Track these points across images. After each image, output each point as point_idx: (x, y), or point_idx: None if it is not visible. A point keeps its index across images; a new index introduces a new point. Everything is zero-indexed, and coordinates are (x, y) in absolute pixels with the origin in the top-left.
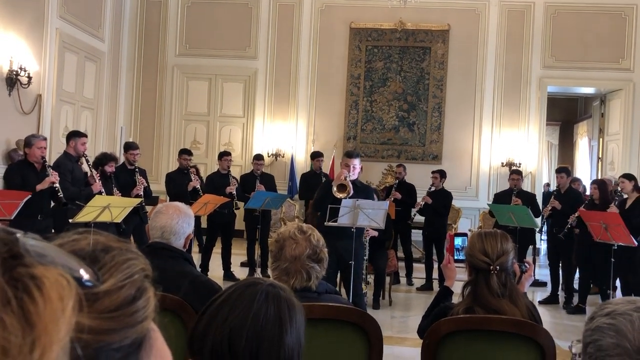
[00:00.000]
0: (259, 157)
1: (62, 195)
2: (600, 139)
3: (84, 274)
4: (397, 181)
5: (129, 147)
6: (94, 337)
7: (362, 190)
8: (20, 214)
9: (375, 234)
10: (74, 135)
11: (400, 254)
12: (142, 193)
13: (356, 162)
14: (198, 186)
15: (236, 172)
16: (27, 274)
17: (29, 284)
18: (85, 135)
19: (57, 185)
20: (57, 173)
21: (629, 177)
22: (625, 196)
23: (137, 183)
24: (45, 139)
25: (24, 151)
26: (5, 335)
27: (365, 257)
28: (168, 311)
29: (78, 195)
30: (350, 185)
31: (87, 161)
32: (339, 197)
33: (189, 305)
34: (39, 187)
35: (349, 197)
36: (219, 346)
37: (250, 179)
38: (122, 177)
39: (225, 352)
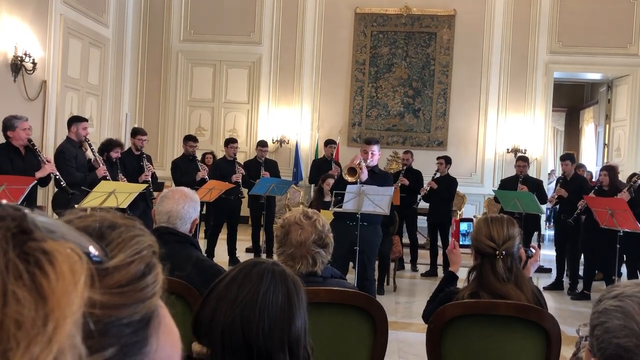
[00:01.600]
0: (263, 144)
1: (64, 185)
2: (607, 125)
3: (93, 250)
4: (404, 167)
5: (136, 132)
6: (105, 312)
7: (379, 177)
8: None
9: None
10: (75, 120)
11: (406, 240)
12: (149, 179)
13: (374, 149)
14: (206, 177)
15: (241, 158)
16: (38, 248)
17: (40, 258)
18: (86, 120)
19: (58, 174)
20: (51, 160)
21: None
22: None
23: (145, 169)
24: (27, 119)
25: (6, 134)
26: (18, 308)
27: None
28: (174, 295)
29: (83, 181)
30: (361, 170)
31: (90, 145)
32: (348, 180)
33: (195, 289)
34: (38, 174)
35: (363, 183)
36: (230, 327)
37: (254, 165)
38: (129, 162)
39: (238, 333)
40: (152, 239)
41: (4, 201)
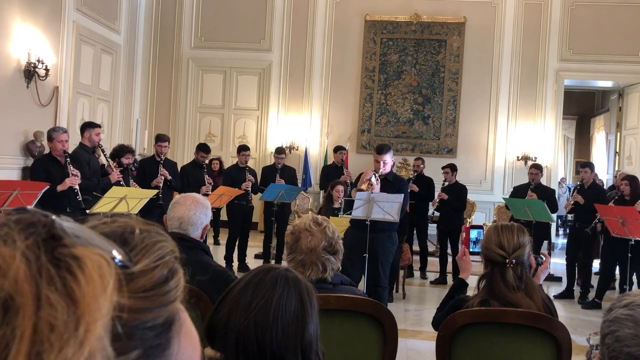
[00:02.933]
0: (279, 151)
1: (80, 199)
2: (618, 133)
3: (118, 255)
4: (415, 174)
5: (157, 139)
6: (131, 316)
7: (393, 186)
8: (47, 206)
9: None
10: (88, 126)
11: (416, 247)
12: (161, 184)
13: (387, 157)
14: (209, 192)
15: (250, 164)
16: (69, 254)
17: (71, 263)
18: (99, 126)
19: (77, 187)
20: (78, 173)
21: None
22: None
23: (160, 174)
24: (65, 131)
25: (48, 145)
26: (51, 312)
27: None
28: (185, 301)
29: (96, 187)
30: (372, 188)
31: (103, 151)
32: (362, 189)
33: (206, 295)
34: (59, 187)
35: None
36: (245, 332)
37: (271, 171)
38: (149, 168)
39: (252, 338)
40: (174, 244)
41: (32, 207)
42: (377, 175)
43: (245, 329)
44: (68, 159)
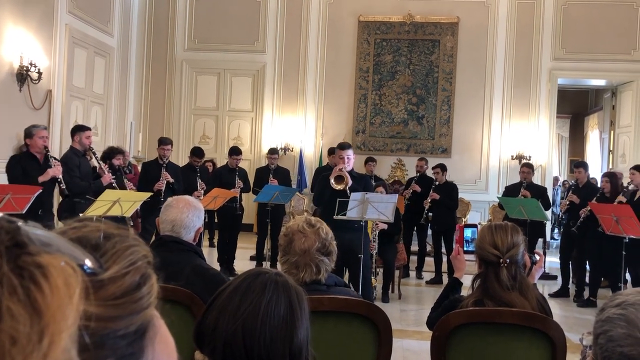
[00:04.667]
0: (272, 152)
1: (64, 187)
2: (611, 132)
3: (87, 262)
4: (418, 174)
5: (159, 142)
6: (100, 325)
7: (358, 180)
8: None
9: (385, 226)
10: (78, 130)
11: (414, 247)
12: (163, 188)
13: (350, 153)
14: (201, 196)
15: (245, 166)
16: (33, 262)
17: (35, 272)
18: (89, 129)
19: (60, 177)
20: (60, 164)
21: (639, 169)
22: (632, 187)
23: (162, 178)
24: (45, 128)
25: (25, 142)
26: (13, 324)
27: (374, 251)
28: (178, 304)
29: (88, 189)
30: (348, 176)
31: (94, 154)
32: (337, 188)
33: (200, 298)
34: (40, 178)
35: (349, 187)
36: (232, 338)
37: (264, 172)
38: (152, 171)
39: (240, 344)
40: (147, 249)
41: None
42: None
43: (233, 334)
44: (48, 153)
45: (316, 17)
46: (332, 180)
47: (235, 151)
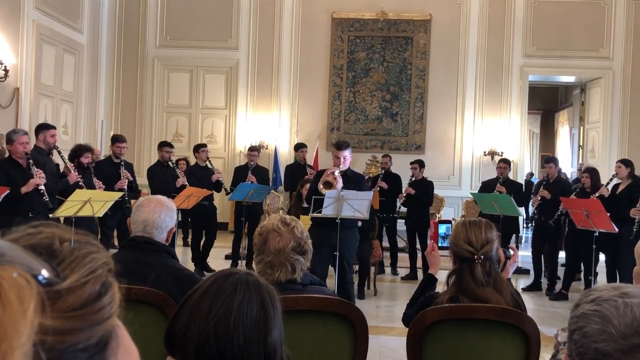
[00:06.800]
0: (252, 149)
1: (47, 200)
2: (581, 127)
3: (44, 272)
4: (382, 171)
5: (115, 139)
6: (58, 338)
7: (353, 180)
8: (10, 212)
9: (359, 223)
10: (42, 128)
11: (385, 244)
12: (125, 187)
13: (346, 153)
14: (186, 183)
15: (219, 164)
16: None
17: None
18: (53, 127)
19: (43, 187)
20: (42, 172)
21: (625, 163)
22: (617, 181)
23: (122, 176)
24: (26, 133)
25: (7, 148)
26: None
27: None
28: (152, 306)
29: (53, 189)
30: (337, 182)
31: (60, 153)
32: (324, 192)
33: (173, 299)
34: (23, 189)
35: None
36: (205, 341)
37: (243, 171)
38: (108, 170)
39: (212, 347)
40: (107, 255)
41: None
42: (337, 171)
43: (205, 338)
44: (30, 160)
45: (289, 14)
46: (320, 185)
47: (200, 145)
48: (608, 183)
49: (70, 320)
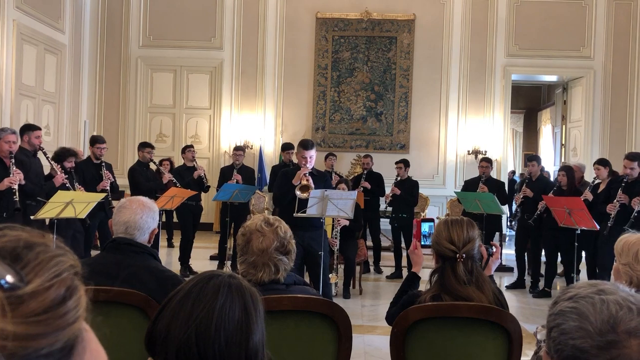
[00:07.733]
0: (237, 148)
1: (17, 199)
2: (563, 126)
3: (8, 277)
4: (365, 171)
5: (95, 140)
6: (20, 344)
7: (320, 179)
8: None
9: (347, 222)
10: (27, 129)
11: (369, 243)
12: (108, 188)
13: (312, 153)
14: (174, 179)
15: (203, 164)
16: None
17: None
18: (39, 128)
19: (15, 187)
20: (20, 173)
21: (603, 163)
22: (598, 181)
23: (104, 177)
24: (14, 132)
25: None
26: None
27: (336, 247)
28: (133, 307)
29: (39, 191)
30: (312, 185)
31: (45, 154)
32: (302, 197)
33: (155, 301)
34: None
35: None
36: (186, 344)
37: (229, 171)
38: (88, 171)
39: (193, 350)
40: (74, 258)
41: None
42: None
43: (186, 341)
44: (13, 160)
45: (274, 13)
46: (297, 192)
47: (187, 146)
48: (591, 187)
49: (32, 326)
